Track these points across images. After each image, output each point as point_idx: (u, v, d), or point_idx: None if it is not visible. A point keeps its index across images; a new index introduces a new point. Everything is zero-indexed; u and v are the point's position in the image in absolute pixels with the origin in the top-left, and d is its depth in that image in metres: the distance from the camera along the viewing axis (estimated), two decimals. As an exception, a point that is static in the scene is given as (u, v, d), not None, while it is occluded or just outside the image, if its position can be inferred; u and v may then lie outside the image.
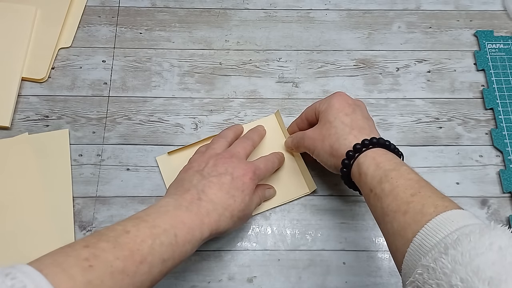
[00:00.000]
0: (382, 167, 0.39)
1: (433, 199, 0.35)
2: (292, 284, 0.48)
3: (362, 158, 0.41)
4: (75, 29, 0.60)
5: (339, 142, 0.43)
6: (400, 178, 0.38)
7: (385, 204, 0.37)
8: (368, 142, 0.41)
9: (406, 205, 0.36)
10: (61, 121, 0.55)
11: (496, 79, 0.58)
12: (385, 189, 0.38)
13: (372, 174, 0.40)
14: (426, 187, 0.37)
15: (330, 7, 0.62)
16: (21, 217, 0.50)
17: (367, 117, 0.46)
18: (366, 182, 0.40)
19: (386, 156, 0.41)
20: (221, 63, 0.59)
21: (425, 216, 0.34)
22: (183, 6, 0.62)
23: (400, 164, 0.40)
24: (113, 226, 0.37)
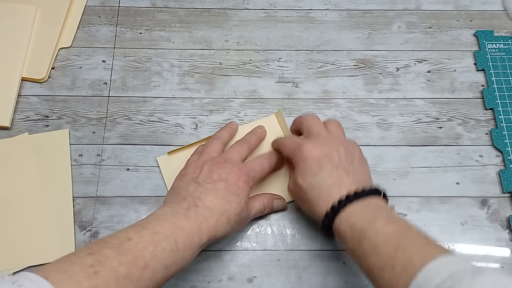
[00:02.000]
0: (357, 228, 0.39)
1: (418, 249, 0.36)
2: (292, 284, 0.48)
3: (337, 223, 0.41)
4: (75, 29, 0.60)
5: (313, 208, 0.43)
6: (378, 236, 0.38)
7: (370, 263, 0.37)
8: (337, 206, 0.41)
9: (392, 260, 0.36)
10: (61, 121, 0.55)
11: (496, 79, 0.58)
12: (366, 249, 0.38)
13: (350, 237, 0.40)
14: (406, 237, 0.37)
15: (330, 7, 0.62)
16: (21, 217, 0.50)
17: (337, 165, 0.43)
18: (347, 244, 0.40)
19: (359, 212, 0.40)
20: (221, 63, 0.59)
21: (414, 267, 0.34)
22: (183, 6, 0.62)
23: (374, 218, 0.39)
24: (115, 234, 0.37)
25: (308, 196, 0.43)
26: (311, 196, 0.43)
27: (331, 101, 0.57)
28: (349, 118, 0.56)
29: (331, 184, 0.42)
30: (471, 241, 0.50)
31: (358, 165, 0.45)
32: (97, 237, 0.49)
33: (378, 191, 0.43)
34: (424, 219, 0.51)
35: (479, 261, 0.49)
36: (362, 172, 0.45)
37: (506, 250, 0.50)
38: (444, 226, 0.51)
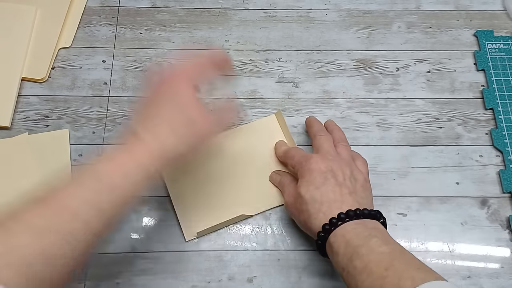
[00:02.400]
0: (351, 244, 0.38)
1: (409, 272, 0.35)
2: (292, 284, 0.48)
3: (332, 238, 0.40)
4: (75, 29, 0.60)
5: (310, 220, 0.43)
6: (371, 253, 0.37)
7: (360, 282, 0.37)
8: (336, 220, 0.40)
9: (382, 280, 0.35)
10: (61, 121, 0.55)
11: (496, 79, 0.58)
12: (357, 267, 0.37)
13: (342, 253, 0.39)
14: (400, 259, 0.37)
15: (330, 7, 0.62)
16: (21, 217, 0.50)
17: (341, 183, 0.43)
18: (338, 261, 0.39)
19: (356, 230, 0.40)
20: (221, 63, 0.59)
21: None
22: (183, 6, 0.62)
23: (370, 236, 0.39)
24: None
25: (308, 207, 0.43)
26: (311, 208, 0.43)
27: (331, 101, 0.57)
28: (349, 118, 0.56)
29: (333, 199, 0.42)
30: (471, 241, 0.50)
31: (361, 189, 0.45)
32: (97, 237, 0.49)
33: (378, 215, 0.42)
34: (424, 219, 0.51)
35: (479, 261, 0.49)
36: (365, 196, 0.45)
37: (506, 250, 0.50)
38: (444, 226, 0.51)
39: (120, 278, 0.48)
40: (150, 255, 0.49)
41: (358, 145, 0.54)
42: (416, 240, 0.50)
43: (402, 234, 0.50)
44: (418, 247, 0.50)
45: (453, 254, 0.49)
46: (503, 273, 0.49)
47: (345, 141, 0.50)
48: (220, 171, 0.52)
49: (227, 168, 0.53)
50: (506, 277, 0.48)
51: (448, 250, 0.50)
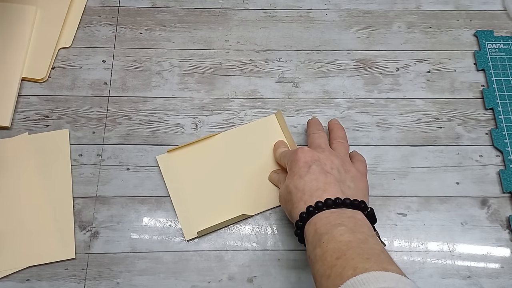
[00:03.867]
0: (318, 232, 0.38)
1: (356, 261, 0.34)
2: (292, 284, 0.48)
3: (306, 227, 0.40)
4: (75, 29, 0.60)
5: (293, 209, 0.43)
6: (330, 242, 0.37)
7: (315, 270, 0.37)
8: (313, 208, 0.40)
9: (330, 269, 0.35)
10: (61, 121, 0.55)
11: (496, 79, 0.58)
12: (317, 255, 0.37)
13: (310, 241, 0.39)
14: (355, 248, 0.36)
15: (330, 7, 0.62)
16: (21, 217, 0.50)
17: (326, 171, 0.43)
18: (307, 249, 0.40)
19: (328, 219, 0.39)
20: (221, 63, 0.59)
21: (343, 279, 0.33)
22: (183, 6, 0.62)
23: (338, 225, 0.38)
24: None
25: (291, 197, 0.43)
26: (294, 197, 0.43)
27: (331, 101, 0.57)
28: (349, 118, 0.56)
29: (315, 187, 0.42)
30: (471, 241, 0.50)
31: (350, 179, 0.44)
32: (97, 237, 0.49)
33: (363, 205, 0.41)
34: (424, 219, 0.51)
35: (479, 261, 0.49)
36: (354, 187, 0.44)
37: (506, 250, 0.50)
38: (444, 226, 0.51)
39: (120, 278, 0.48)
40: (150, 255, 0.49)
41: (358, 145, 0.54)
42: (416, 240, 0.50)
43: (402, 234, 0.50)
44: (418, 247, 0.50)
45: (453, 254, 0.49)
46: (503, 273, 0.49)
47: (343, 139, 0.50)
48: (220, 171, 0.52)
49: (227, 168, 0.53)
50: (506, 277, 0.48)
51: (448, 250, 0.50)
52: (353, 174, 0.45)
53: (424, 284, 0.48)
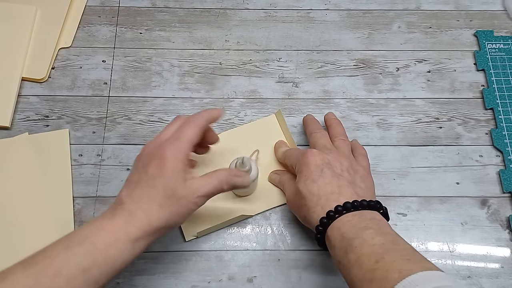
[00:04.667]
0: (346, 237, 0.39)
1: (398, 263, 0.35)
2: (292, 284, 0.48)
3: (329, 231, 0.40)
4: (75, 29, 0.60)
5: (309, 214, 0.43)
6: (363, 246, 0.37)
7: (352, 275, 0.37)
8: (334, 213, 0.40)
9: (371, 273, 0.35)
10: (61, 121, 0.55)
11: (496, 79, 0.58)
12: (351, 260, 0.37)
13: (338, 246, 0.39)
14: (391, 250, 0.36)
15: (330, 7, 0.62)
16: (21, 217, 0.50)
17: (338, 174, 0.43)
18: (334, 254, 0.40)
19: (351, 222, 0.40)
20: (221, 63, 0.59)
21: (390, 282, 0.33)
22: (183, 6, 0.62)
23: (365, 228, 0.39)
24: (37, 251, 0.36)
25: (306, 202, 0.43)
26: (309, 202, 0.43)
27: (331, 101, 0.57)
28: (349, 118, 0.56)
29: (330, 191, 0.42)
30: (471, 241, 0.50)
31: (360, 179, 0.45)
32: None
33: (378, 205, 0.42)
34: (424, 219, 0.51)
35: (479, 261, 0.49)
36: (365, 187, 0.44)
37: (506, 250, 0.50)
38: (444, 226, 0.51)
39: (120, 278, 0.48)
40: (150, 255, 0.49)
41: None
42: (416, 240, 0.50)
43: (402, 234, 0.49)
44: (418, 247, 0.50)
45: (453, 254, 0.49)
46: (503, 273, 0.49)
47: (344, 135, 0.50)
48: (220, 171, 0.52)
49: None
50: (506, 277, 0.48)
51: (448, 250, 0.50)
52: (361, 174, 0.45)
53: (424, 284, 0.48)
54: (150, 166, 0.40)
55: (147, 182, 0.39)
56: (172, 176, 0.39)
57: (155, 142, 0.42)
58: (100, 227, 0.38)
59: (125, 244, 0.37)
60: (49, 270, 0.34)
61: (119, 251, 0.37)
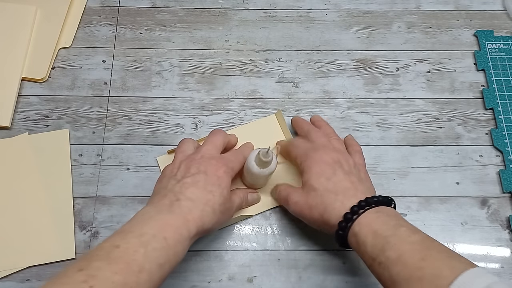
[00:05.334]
0: (380, 234, 0.38)
1: (445, 261, 0.35)
2: (292, 284, 0.48)
3: (356, 227, 0.40)
4: (75, 29, 0.60)
5: (328, 212, 0.42)
6: (402, 243, 0.37)
7: (394, 272, 0.36)
8: (357, 208, 0.40)
9: (419, 271, 0.35)
10: (61, 121, 0.55)
11: (496, 79, 0.58)
12: (390, 257, 0.37)
13: (371, 243, 0.39)
14: (433, 248, 0.36)
15: (330, 7, 0.62)
16: (21, 217, 0.50)
17: (350, 172, 0.44)
18: (366, 251, 0.39)
19: (380, 219, 0.40)
20: (221, 63, 0.59)
21: (444, 279, 0.33)
22: (183, 6, 0.62)
23: (397, 226, 0.39)
24: (100, 245, 0.36)
25: (323, 200, 0.43)
26: (326, 199, 0.42)
27: (331, 101, 0.57)
28: (349, 118, 0.56)
29: (346, 187, 0.42)
30: (471, 241, 0.50)
31: (364, 177, 0.45)
32: (97, 237, 0.49)
33: (390, 199, 0.43)
34: (424, 219, 0.51)
35: (479, 261, 0.49)
36: (369, 184, 0.45)
37: (506, 250, 0.50)
38: (444, 226, 0.51)
39: (120, 278, 0.48)
40: (150, 255, 0.49)
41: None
42: (416, 240, 0.50)
43: (402, 234, 0.50)
44: (418, 247, 0.50)
45: (453, 254, 0.49)
46: (503, 273, 0.49)
47: (336, 135, 0.51)
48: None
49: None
50: (506, 277, 0.48)
51: (448, 250, 0.50)
52: (363, 171, 0.46)
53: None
54: (209, 174, 0.42)
55: (205, 187, 0.42)
56: (226, 188, 0.43)
57: (200, 153, 0.45)
58: (165, 221, 0.38)
59: (186, 241, 0.39)
60: (134, 266, 0.35)
61: (182, 248, 0.39)
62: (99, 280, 0.33)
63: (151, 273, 0.35)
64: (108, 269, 0.34)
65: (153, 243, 0.36)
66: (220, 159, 0.45)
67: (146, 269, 0.35)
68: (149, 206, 0.41)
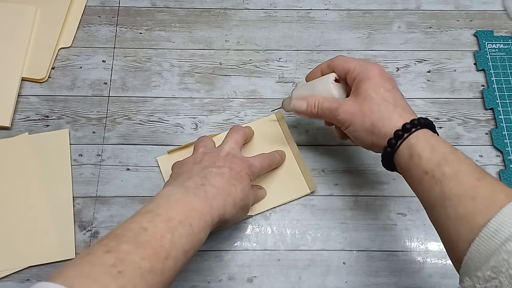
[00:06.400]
0: (438, 150, 0.38)
1: (500, 186, 0.35)
2: (292, 284, 0.48)
3: (413, 139, 0.39)
4: (75, 29, 0.60)
5: (383, 120, 0.41)
6: (460, 163, 0.37)
7: (447, 188, 0.36)
8: (417, 123, 0.40)
9: (473, 190, 0.35)
10: (61, 121, 0.55)
11: (496, 79, 0.58)
12: (446, 173, 0.36)
13: (428, 157, 0.38)
14: (487, 174, 0.36)
15: (330, 7, 0.62)
16: (21, 217, 0.50)
17: (403, 96, 0.44)
18: (420, 164, 0.38)
19: (437, 138, 0.39)
20: (221, 63, 0.59)
21: (497, 202, 0.33)
22: (183, 6, 0.62)
23: (453, 148, 0.38)
24: (128, 225, 0.36)
25: (380, 107, 0.41)
26: (383, 108, 0.41)
27: (331, 101, 0.57)
28: (349, 118, 0.56)
29: (404, 103, 0.42)
30: (471, 241, 0.50)
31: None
32: (97, 237, 0.49)
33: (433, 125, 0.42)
34: (424, 219, 0.51)
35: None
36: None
37: (506, 250, 0.50)
38: (444, 226, 0.51)
39: (120, 278, 0.48)
40: (150, 255, 0.49)
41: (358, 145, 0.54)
42: (416, 240, 0.50)
43: (402, 234, 0.50)
44: (418, 247, 0.50)
45: (453, 254, 0.49)
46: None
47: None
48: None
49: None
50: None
51: (448, 250, 0.49)
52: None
53: (424, 284, 0.48)
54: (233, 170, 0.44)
55: (229, 180, 0.43)
56: (248, 186, 0.44)
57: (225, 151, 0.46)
58: (191, 206, 0.39)
59: (208, 228, 0.39)
60: (161, 253, 0.34)
61: (204, 235, 0.39)
62: (128, 265, 0.32)
63: (176, 259, 0.35)
64: (136, 253, 0.33)
65: (180, 229, 0.36)
66: (245, 161, 0.46)
67: (172, 256, 0.35)
68: (174, 186, 0.41)
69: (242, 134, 0.49)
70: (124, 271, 0.32)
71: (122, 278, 0.32)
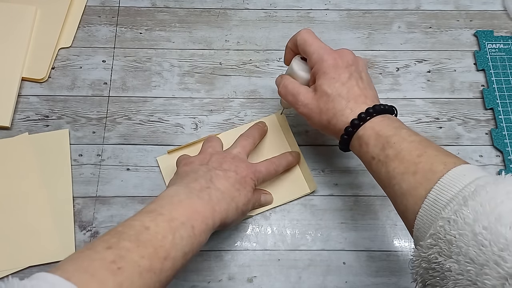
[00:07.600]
0: (382, 135, 0.40)
1: (440, 157, 0.36)
2: (292, 284, 0.48)
3: (361, 131, 0.41)
4: (75, 29, 0.60)
5: (336, 117, 0.42)
6: (402, 142, 0.38)
7: (391, 168, 0.38)
8: (365, 115, 0.41)
9: (414, 166, 0.36)
10: (61, 121, 0.55)
11: (496, 79, 0.58)
12: (390, 155, 0.38)
13: (373, 143, 0.40)
14: (430, 147, 0.37)
15: (330, 7, 0.62)
16: (21, 217, 0.50)
17: (362, 77, 0.44)
18: (367, 151, 0.40)
19: (384, 122, 0.41)
20: (221, 63, 0.59)
21: (436, 173, 0.34)
22: (183, 6, 0.62)
23: (399, 128, 0.40)
24: (130, 223, 0.36)
25: (334, 105, 0.42)
26: (337, 105, 0.42)
27: (331, 101, 0.57)
28: (349, 118, 0.56)
29: (358, 94, 0.43)
30: (471, 241, 0.50)
31: (371, 84, 0.45)
32: (97, 237, 0.49)
33: (394, 109, 0.44)
34: (424, 219, 0.51)
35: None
36: (374, 92, 0.45)
37: (506, 250, 0.50)
38: (444, 226, 0.51)
39: (120, 278, 0.48)
40: (150, 255, 0.49)
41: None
42: (416, 240, 0.50)
43: (402, 234, 0.50)
44: (418, 247, 0.50)
45: (453, 254, 0.49)
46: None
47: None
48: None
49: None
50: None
51: (448, 250, 0.49)
52: (368, 76, 0.46)
53: (424, 284, 0.48)
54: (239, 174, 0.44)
55: (234, 184, 0.43)
56: (250, 192, 0.45)
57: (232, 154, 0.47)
58: (194, 208, 0.39)
59: (209, 231, 0.40)
60: (161, 253, 0.35)
61: (205, 238, 0.39)
62: (127, 262, 0.33)
63: (175, 260, 0.36)
64: (136, 251, 0.34)
65: (181, 231, 0.37)
66: (251, 166, 0.47)
67: (172, 256, 0.35)
68: (178, 187, 0.41)
69: (251, 143, 0.50)
70: (123, 268, 0.32)
71: (120, 275, 0.32)
